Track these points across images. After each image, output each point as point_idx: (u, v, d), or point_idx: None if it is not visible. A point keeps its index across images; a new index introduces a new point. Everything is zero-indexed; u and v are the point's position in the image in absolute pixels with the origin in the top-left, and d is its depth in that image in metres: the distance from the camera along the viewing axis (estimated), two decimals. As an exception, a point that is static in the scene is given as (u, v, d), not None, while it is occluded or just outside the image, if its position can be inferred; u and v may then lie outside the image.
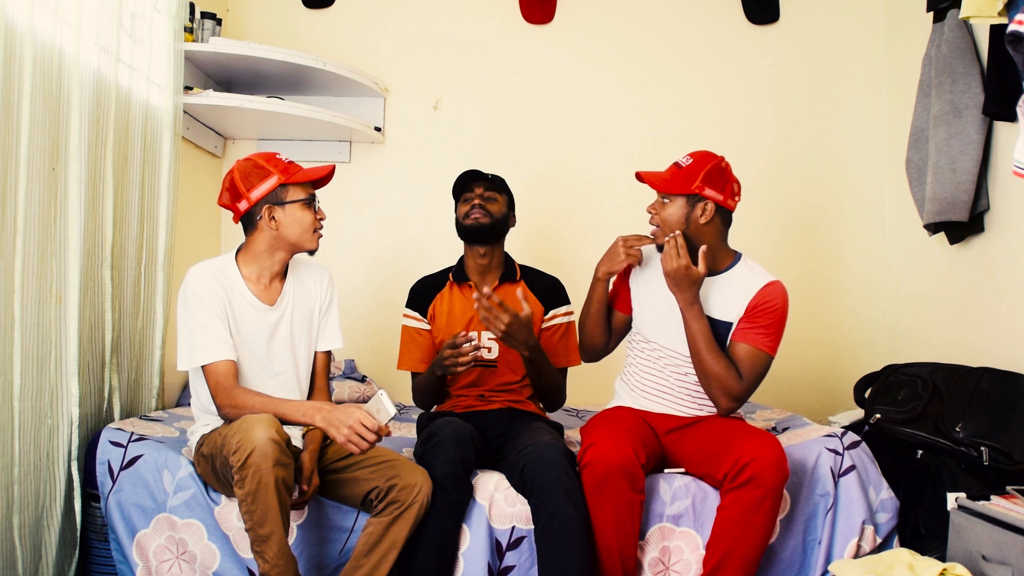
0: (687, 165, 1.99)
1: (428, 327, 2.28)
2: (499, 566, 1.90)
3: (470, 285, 2.26)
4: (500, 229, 2.25)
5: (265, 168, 1.87)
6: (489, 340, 2.23)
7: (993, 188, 2.48)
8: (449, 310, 2.27)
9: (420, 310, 2.29)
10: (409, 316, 2.30)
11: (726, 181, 1.99)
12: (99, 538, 1.99)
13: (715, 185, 1.97)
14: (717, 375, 1.93)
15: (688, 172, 1.98)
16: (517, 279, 2.29)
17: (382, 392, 1.70)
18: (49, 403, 1.91)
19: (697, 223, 1.98)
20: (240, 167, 1.89)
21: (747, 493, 1.77)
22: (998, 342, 2.44)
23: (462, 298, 2.27)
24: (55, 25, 1.90)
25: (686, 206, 1.98)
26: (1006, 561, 1.65)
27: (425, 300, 2.29)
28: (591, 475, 1.81)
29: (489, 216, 2.21)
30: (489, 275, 2.28)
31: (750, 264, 2.06)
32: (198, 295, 1.82)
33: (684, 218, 1.98)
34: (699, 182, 1.96)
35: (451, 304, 2.27)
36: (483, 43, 3.28)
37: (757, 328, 1.97)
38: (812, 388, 3.19)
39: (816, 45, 3.28)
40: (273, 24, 3.25)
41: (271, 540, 1.62)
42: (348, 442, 1.65)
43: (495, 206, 2.23)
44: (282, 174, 1.87)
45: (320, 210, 1.93)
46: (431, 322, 2.27)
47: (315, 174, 1.91)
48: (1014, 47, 1.75)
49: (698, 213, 1.98)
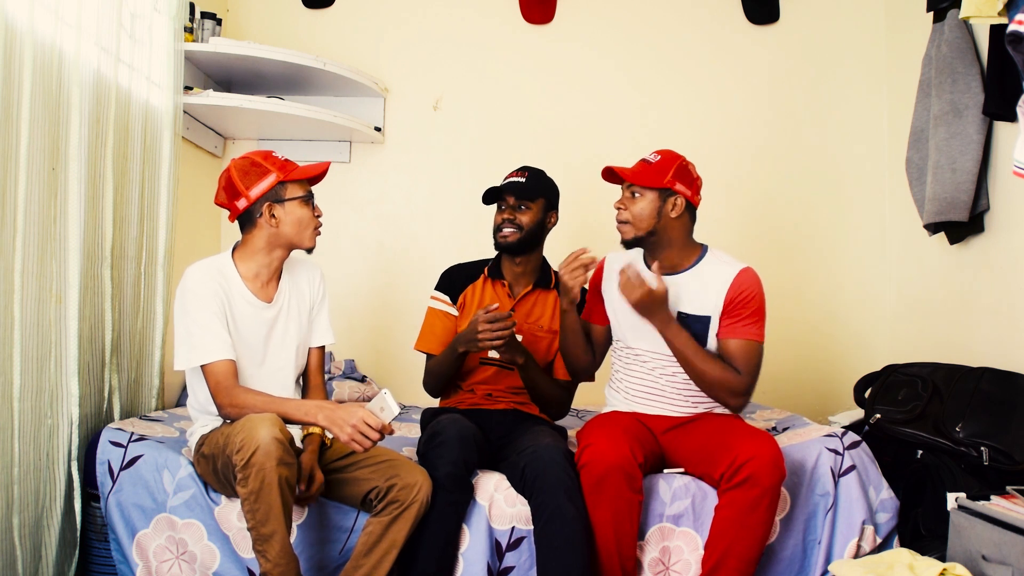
0: (656, 161, 2.01)
1: (456, 313, 2.26)
2: (499, 566, 1.90)
3: (504, 284, 2.27)
4: (533, 241, 2.22)
5: (263, 166, 1.87)
6: None
7: (993, 188, 2.48)
8: (480, 303, 2.25)
9: (451, 295, 2.27)
10: (438, 299, 2.28)
11: (692, 178, 2.03)
12: (99, 538, 1.99)
13: (684, 181, 2.00)
14: (716, 379, 1.93)
15: (659, 167, 2.00)
16: (551, 286, 2.28)
17: (386, 391, 1.70)
18: (49, 403, 1.91)
19: (668, 217, 1.99)
20: (237, 165, 1.88)
21: (744, 493, 1.77)
22: (998, 342, 2.44)
23: (494, 295, 2.27)
24: (55, 25, 1.90)
25: (657, 200, 1.99)
26: (1006, 561, 1.65)
27: (458, 287, 2.28)
28: (589, 475, 1.81)
29: (519, 231, 2.19)
30: (523, 279, 2.28)
31: (717, 255, 2.07)
32: (196, 294, 1.82)
33: (655, 212, 1.99)
34: (670, 176, 1.98)
35: (483, 297, 2.26)
36: (483, 43, 3.28)
37: (741, 320, 1.98)
38: (812, 388, 3.19)
39: (816, 45, 3.28)
40: (273, 24, 3.25)
41: (273, 539, 1.62)
42: (351, 441, 1.65)
43: (527, 216, 2.20)
44: (280, 171, 1.87)
45: (317, 207, 1.94)
46: (460, 310, 2.26)
47: (312, 171, 1.92)
48: (1014, 47, 1.75)
49: (669, 207, 1.99)
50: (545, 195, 2.25)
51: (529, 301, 2.27)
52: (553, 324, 2.25)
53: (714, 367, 1.94)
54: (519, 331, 2.22)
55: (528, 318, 2.26)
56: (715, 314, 2.01)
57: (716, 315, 2.01)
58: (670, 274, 2.03)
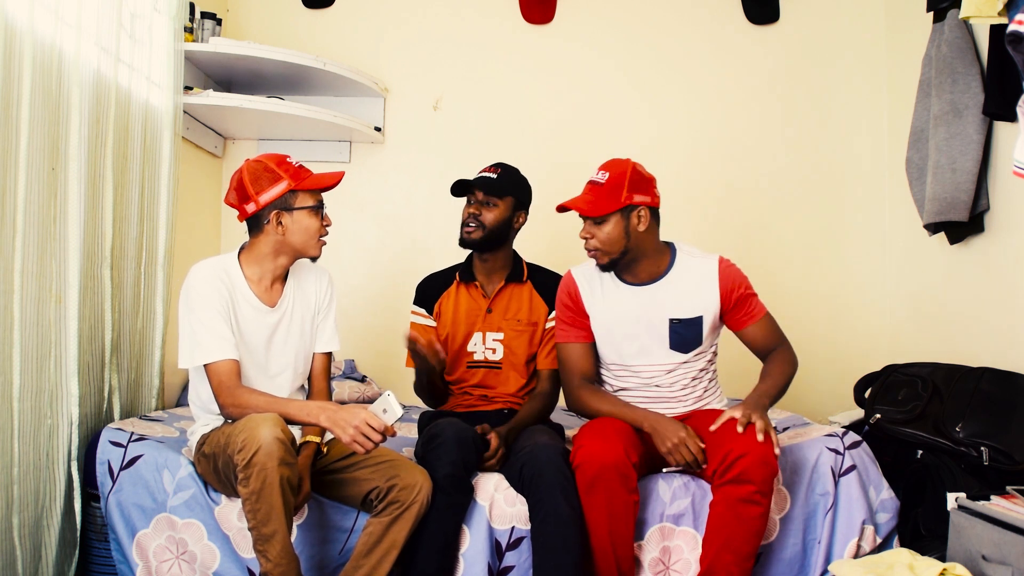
0: (607, 180, 1.95)
1: (434, 324, 2.26)
2: (499, 566, 1.90)
3: (476, 285, 2.25)
4: (497, 238, 2.19)
5: (275, 172, 1.85)
6: (494, 341, 2.22)
7: (993, 188, 2.48)
8: (455, 308, 2.25)
9: (427, 307, 2.27)
10: (416, 313, 2.28)
11: (647, 181, 1.99)
12: (99, 538, 1.99)
13: (640, 189, 1.96)
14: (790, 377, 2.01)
15: (611, 187, 1.94)
16: (524, 279, 2.27)
17: (389, 393, 1.69)
18: (49, 403, 1.90)
19: (636, 232, 1.97)
20: (250, 168, 1.86)
21: (736, 489, 1.77)
22: (998, 342, 2.44)
23: (468, 297, 2.25)
24: (55, 25, 1.90)
25: (621, 220, 1.95)
26: (1006, 561, 1.65)
27: (432, 298, 2.27)
28: (583, 476, 1.81)
29: (482, 228, 2.16)
30: (495, 275, 2.26)
31: (686, 250, 2.07)
32: (201, 293, 1.82)
33: (623, 232, 1.96)
34: (626, 192, 1.94)
35: (457, 302, 2.26)
36: (483, 43, 3.28)
37: (746, 305, 2.03)
38: (812, 388, 3.18)
39: (816, 45, 3.28)
40: (273, 24, 3.25)
41: (274, 539, 1.63)
42: (353, 442, 1.65)
43: (492, 213, 2.17)
44: (292, 179, 1.85)
45: (327, 216, 1.92)
46: (436, 319, 2.26)
47: (325, 181, 1.90)
48: (1014, 47, 1.75)
49: (635, 222, 1.96)
50: (515, 194, 2.21)
51: (504, 297, 2.25)
52: (531, 316, 2.23)
53: (785, 376, 1.99)
54: (499, 328, 2.21)
55: (506, 314, 2.23)
56: (709, 313, 2.01)
57: (712, 313, 2.02)
58: (649, 283, 2.03)
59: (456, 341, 2.24)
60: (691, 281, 2.02)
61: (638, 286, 2.04)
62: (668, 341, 2.02)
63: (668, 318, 2.01)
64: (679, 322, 2.01)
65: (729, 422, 1.82)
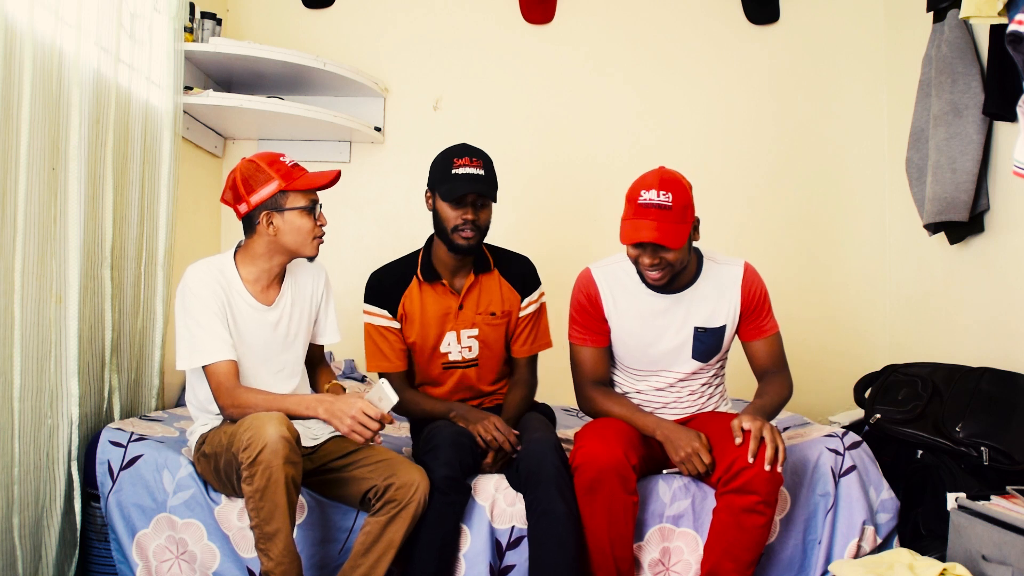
0: (673, 203, 1.79)
1: (398, 326, 2.12)
2: (500, 566, 1.90)
3: (443, 283, 2.11)
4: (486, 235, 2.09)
5: (267, 172, 1.83)
6: (470, 339, 2.13)
7: (993, 188, 2.48)
8: (421, 310, 2.11)
9: (389, 307, 2.11)
10: (374, 313, 2.12)
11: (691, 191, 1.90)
12: (99, 538, 1.99)
13: (693, 203, 1.87)
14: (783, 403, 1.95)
15: (680, 210, 1.80)
16: (491, 268, 2.15)
17: (384, 381, 1.71)
18: (49, 403, 1.91)
19: (692, 244, 1.93)
20: (243, 168, 1.85)
21: (740, 499, 1.76)
22: (998, 342, 2.44)
23: (434, 295, 2.11)
24: (55, 25, 1.90)
25: (687, 239, 1.84)
26: (1006, 561, 1.65)
27: (394, 297, 2.11)
28: (582, 477, 1.80)
29: (480, 233, 2.04)
30: (462, 271, 2.13)
31: (713, 256, 2.02)
32: (197, 294, 1.82)
33: (688, 248, 1.89)
34: (692, 211, 1.87)
35: (423, 304, 2.11)
36: (483, 43, 3.28)
37: (761, 318, 2.00)
38: (812, 388, 3.18)
39: (816, 45, 3.28)
40: (273, 24, 3.25)
41: (277, 537, 1.63)
42: (352, 432, 1.66)
43: (486, 213, 2.06)
44: (283, 180, 1.82)
45: (322, 216, 1.89)
46: (403, 323, 2.12)
47: (317, 181, 1.86)
48: (1014, 47, 1.75)
49: (695, 236, 1.93)
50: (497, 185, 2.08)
51: (475, 291, 2.13)
52: (504, 306, 2.14)
53: (781, 398, 1.94)
54: (473, 324, 2.11)
55: (478, 308, 2.12)
56: (732, 321, 1.99)
57: (734, 322, 1.99)
58: (676, 291, 1.97)
59: (428, 344, 2.12)
60: (713, 289, 1.98)
61: (665, 294, 1.97)
62: (691, 351, 1.99)
63: (693, 327, 1.97)
64: (704, 331, 1.97)
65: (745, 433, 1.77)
